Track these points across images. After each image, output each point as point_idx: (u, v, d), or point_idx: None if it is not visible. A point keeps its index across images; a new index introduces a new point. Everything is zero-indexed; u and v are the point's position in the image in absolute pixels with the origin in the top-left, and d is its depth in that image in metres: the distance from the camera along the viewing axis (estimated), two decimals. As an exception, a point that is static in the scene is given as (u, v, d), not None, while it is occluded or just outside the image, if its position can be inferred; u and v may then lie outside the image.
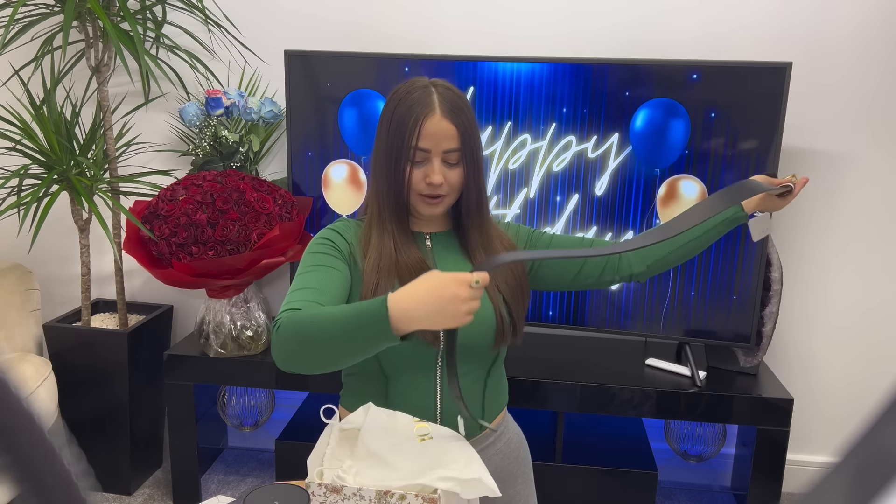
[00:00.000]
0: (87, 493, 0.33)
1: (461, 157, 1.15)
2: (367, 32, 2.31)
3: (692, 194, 2.00)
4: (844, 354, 2.38)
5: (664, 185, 2.01)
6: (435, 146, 1.13)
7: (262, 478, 2.49)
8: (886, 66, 2.18)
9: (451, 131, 1.13)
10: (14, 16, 1.93)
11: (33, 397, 2.03)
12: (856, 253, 2.30)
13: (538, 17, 2.26)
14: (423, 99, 1.13)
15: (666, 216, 2.01)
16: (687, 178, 1.99)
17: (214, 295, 2.14)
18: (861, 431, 0.25)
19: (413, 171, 1.14)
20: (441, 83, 1.17)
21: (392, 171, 1.15)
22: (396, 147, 1.13)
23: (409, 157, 1.13)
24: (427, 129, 1.12)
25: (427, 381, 1.19)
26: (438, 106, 1.13)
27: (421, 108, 1.12)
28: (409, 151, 1.13)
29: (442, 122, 1.12)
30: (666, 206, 2.01)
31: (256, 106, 2.23)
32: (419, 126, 1.12)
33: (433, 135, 1.12)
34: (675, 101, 1.96)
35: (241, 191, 2.02)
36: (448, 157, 1.14)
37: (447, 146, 1.13)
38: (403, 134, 1.12)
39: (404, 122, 1.13)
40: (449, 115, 1.13)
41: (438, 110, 1.12)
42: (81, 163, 2.17)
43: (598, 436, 2.32)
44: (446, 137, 1.13)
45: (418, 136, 1.12)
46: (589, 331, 2.16)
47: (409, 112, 1.12)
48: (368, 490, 0.98)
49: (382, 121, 1.17)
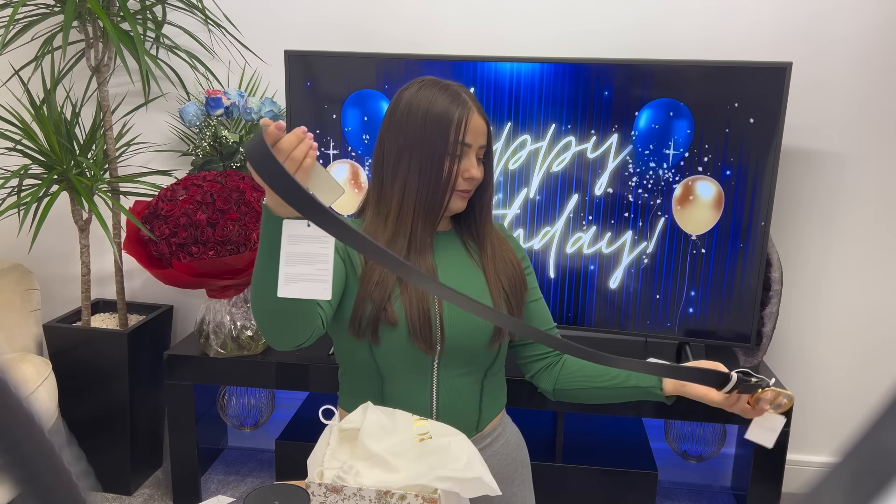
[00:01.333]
0: (87, 493, 0.33)
1: (487, 153, 1.20)
2: (367, 33, 2.31)
3: (708, 195, 1.98)
4: (844, 354, 2.38)
5: (680, 186, 2.00)
6: (475, 141, 1.17)
7: (262, 478, 2.49)
8: (886, 66, 2.18)
9: (485, 128, 1.19)
10: (14, 16, 1.93)
11: (33, 397, 2.03)
12: (856, 253, 2.30)
13: (537, 18, 2.26)
14: (457, 97, 1.16)
15: (682, 217, 2.00)
16: (703, 178, 1.98)
17: (214, 295, 2.14)
18: (861, 432, 0.25)
19: (455, 167, 1.16)
20: (456, 84, 1.20)
21: (431, 168, 1.15)
22: (438, 144, 1.14)
23: (454, 152, 1.15)
24: (472, 125, 1.15)
25: (423, 383, 1.19)
26: (472, 104, 1.17)
27: (459, 105, 1.15)
28: (454, 147, 1.15)
29: (479, 119, 1.17)
30: (682, 207, 2.00)
31: (256, 106, 2.23)
32: (465, 122, 1.15)
33: (475, 130, 1.16)
34: (679, 102, 1.96)
35: (241, 191, 2.02)
36: (479, 153, 1.19)
37: (482, 142, 1.18)
38: (447, 130, 1.14)
39: (446, 119, 1.14)
40: (481, 113, 1.18)
41: (475, 108, 1.17)
42: (81, 163, 2.17)
43: (598, 436, 2.32)
44: (482, 134, 1.18)
45: (465, 132, 1.15)
46: (589, 331, 2.16)
47: (449, 109, 1.15)
48: (368, 490, 0.98)
49: (408, 119, 1.16)
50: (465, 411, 1.21)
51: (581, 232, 2.08)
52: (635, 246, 2.06)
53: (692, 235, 2.01)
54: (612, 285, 2.09)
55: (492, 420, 1.26)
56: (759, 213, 1.96)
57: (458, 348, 1.18)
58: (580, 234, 2.08)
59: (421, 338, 1.15)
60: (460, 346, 1.18)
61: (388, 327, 1.14)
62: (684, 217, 2.01)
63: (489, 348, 1.21)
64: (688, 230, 2.01)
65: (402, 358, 1.17)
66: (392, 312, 1.14)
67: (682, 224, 2.01)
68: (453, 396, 1.20)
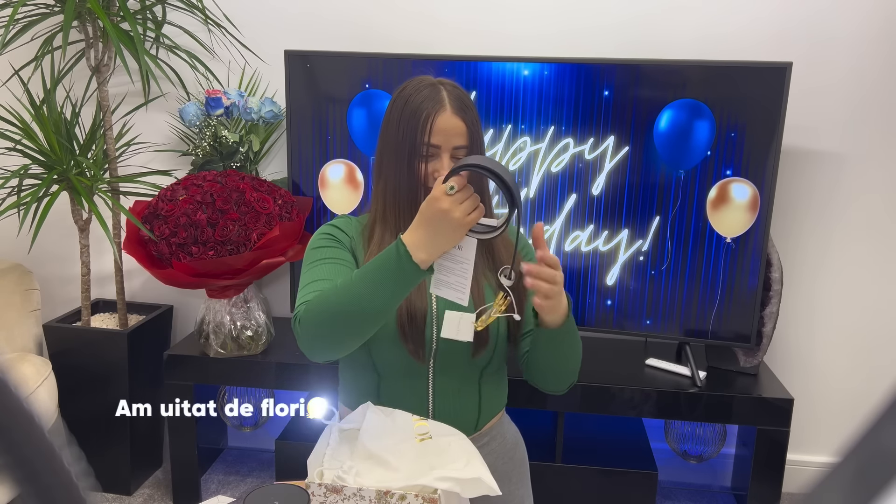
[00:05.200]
0: (87, 493, 0.33)
1: (469, 154, 1.15)
2: (367, 32, 2.31)
3: (743, 197, 1.97)
4: (844, 354, 2.37)
5: (715, 188, 1.98)
6: (445, 142, 1.13)
7: (262, 478, 2.49)
8: (886, 66, 2.18)
9: (461, 128, 1.13)
10: (14, 16, 1.93)
11: (33, 397, 2.02)
12: (856, 253, 2.30)
13: (537, 12, 2.26)
14: (433, 95, 1.13)
15: (716, 220, 1.99)
16: (739, 181, 1.97)
17: (214, 295, 2.14)
18: (861, 431, 0.25)
19: (421, 168, 1.14)
20: (448, 81, 1.17)
21: (403, 167, 1.14)
22: (408, 144, 1.13)
23: (421, 153, 1.13)
24: (438, 125, 1.12)
25: (419, 383, 1.19)
26: (448, 103, 1.13)
27: (431, 104, 1.13)
28: (420, 147, 1.13)
29: (452, 118, 1.13)
30: (716, 210, 1.99)
31: (256, 106, 2.23)
32: (430, 122, 1.12)
33: (444, 131, 1.12)
34: (679, 102, 1.96)
35: (241, 191, 2.02)
36: (457, 154, 1.14)
37: (457, 142, 1.14)
38: (415, 130, 1.12)
39: (415, 119, 1.13)
40: (458, 111, 1.13)
41: (449, 107, 1.13)
42: (81, 163, 2.17)
43: (598, 436, 2.32)
44: (456, 134, 1.13)
45: (430, 132, 1.12)
46: (589, 331, 2.16)
47: (420, 108, 1.13)
48: (368, 490, 0.98)
49: (390, 119, 1.17)
50: (463, 411, 1.21)
51: (579, 230, 2.09)
52: (631, 244, 2.06)
53: (726, 238, 1.99)
54: (609, 282, 2.09)
55: (491, 419, 1.25)
56: (759, 213, 1.96)
57: (450, 352, 1.18)
58: (578, 232, 2.09)
59: (410, 339, 1.15)
60: (453, 349, 1.17)
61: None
62: (718, 219, 1.99)
63: (474, 357, 1.18)
64: (722, 232, 2.00)
65: (396, 356, 1.17)
66: None
67: (716, 227, 1.99)
68: (450, 396, 1.19)
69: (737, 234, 1.99)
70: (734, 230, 1.99)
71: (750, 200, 1.97)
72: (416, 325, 1.15)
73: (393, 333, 1.15)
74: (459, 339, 1.10)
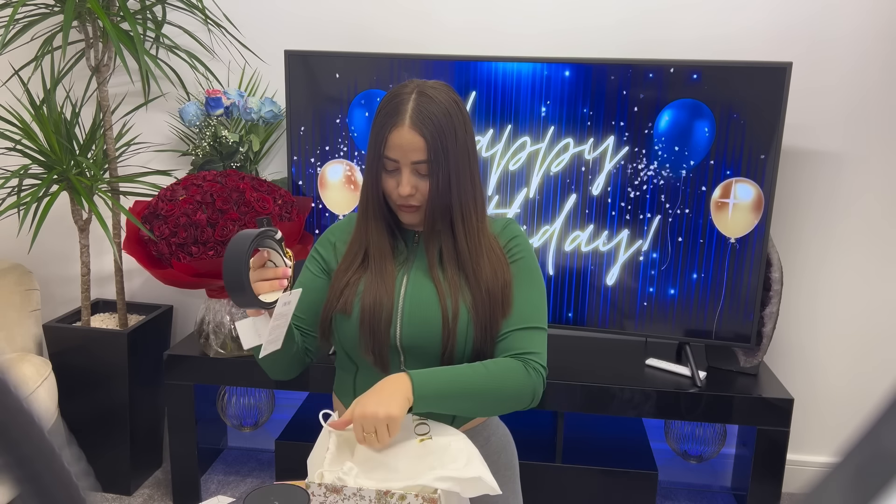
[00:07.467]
0: (87, 493, 0.33)
1: (430, 169, 1.12)
2: (367, 32, 2.31)
3: (747, 198, 1.97)
4: (844, 354, 2.38)
5: (718, 189, 1.98)
6: (402, 157, 1.12)
7: (262, 478, 2.49)
8: (886, 66, 2.18)
9: (418, 143, 1.10)
10: (14, 16, 1.93)
11: (33, 397, 2.03)
12: (856, 253, 2.30)
13: (537, 13, 2.26)
14: (396, 108, 1.12)
15: (719, 220, 1.99)
16: (743, 181, 1.96)
17: (214, 295, 2.14)
18: (861, 432, 0.25)
19: (387, 180, 1.16)
20: (427, 89, 1.13)
21: (372, 176, 1.17)
22: (374, 154, 1.15)
23: (381, 165, 1.15)
24: (392, 141, 1.12)
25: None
26: (408, 117, 1.11)
27: (390, 118, 1.12)
28: (382, 160, 1.14)
29: (408, 133, 1.10)
30: (719, 210, 1.99)
31: (256, 106, 2.23)
32: (385, 137, 1.12)
33: (399, 146, 1.11)
34: (679, 102, 1.96)
35: (241, 191, 2.02)
36: (418, 168, 1.13)
37: (414, 158, 1.11)
38: (376, 143, 1.14)
39: (376, 131, 1.14)
40: (417, 126, 1.10)
41: (407, 121, 1.10)
42: (81, 163, 2.17)
43: (598, 436, 2.32)
44: (413, 149, 1.11)
45: (385, 146, 1.13)
46: (589, 331, 2.16)
47: (382, 122, 1.13)
48: (368, 490, 0.98)
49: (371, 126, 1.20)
50: None
51: (578, 230, 2.09)
52: (631, 244, 2.06)
53: (730, 238, 1.99)
54: (609, 282, 2.09)
55: (469, 420, 1.21)
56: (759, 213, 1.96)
57: (416, 349, 1.16)
58: (577, 232, 2.09)
59: (370, 333, 1.14)
60: (418, 346, 1.16)
61: (343, 317, 1.17)
62: (722, 220, 1.99)
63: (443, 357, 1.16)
64: (726, 233, 2.00)
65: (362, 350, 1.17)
66: (350, 304, 1.17)
67: (720, 227, 2.00)
68: None
69: (740, 235, 1.99)
70: (738, 231, 1.99)
71: (754, 201, 1.97)
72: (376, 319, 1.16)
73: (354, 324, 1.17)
74: (266, 341, 1.06)
